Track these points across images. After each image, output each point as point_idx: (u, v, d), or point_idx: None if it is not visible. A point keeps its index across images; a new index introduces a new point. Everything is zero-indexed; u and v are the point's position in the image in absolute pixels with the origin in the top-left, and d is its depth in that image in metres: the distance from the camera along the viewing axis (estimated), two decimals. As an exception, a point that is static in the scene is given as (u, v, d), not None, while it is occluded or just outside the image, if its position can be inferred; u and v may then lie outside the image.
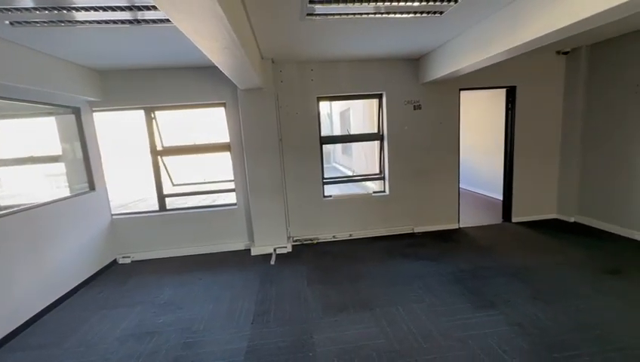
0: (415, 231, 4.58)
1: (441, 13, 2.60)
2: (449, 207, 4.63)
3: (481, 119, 6.53)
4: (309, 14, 2.47)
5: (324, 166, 4.43)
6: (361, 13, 2.51)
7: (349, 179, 4.89)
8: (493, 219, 4.94)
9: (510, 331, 2.29)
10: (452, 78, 3.97)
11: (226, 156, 4.27)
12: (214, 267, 3.79)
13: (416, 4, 2.38)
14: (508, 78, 4.43)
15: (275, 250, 4.13)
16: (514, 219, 4.76)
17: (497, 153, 4.97)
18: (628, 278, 2.92)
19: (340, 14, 2.51)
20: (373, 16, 2.57)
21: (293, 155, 4.24)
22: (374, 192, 4.61)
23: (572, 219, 4.59)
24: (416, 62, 4.23)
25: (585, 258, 3.39)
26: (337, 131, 12.00)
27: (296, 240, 4.42)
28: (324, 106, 12.39)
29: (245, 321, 2.64)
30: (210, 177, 6.03)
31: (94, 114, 3.92)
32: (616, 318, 2.35)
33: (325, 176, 4.44)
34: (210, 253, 4.24)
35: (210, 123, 4.87)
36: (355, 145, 8.77)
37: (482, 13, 2.69)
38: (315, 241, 4.42)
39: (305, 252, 4.11)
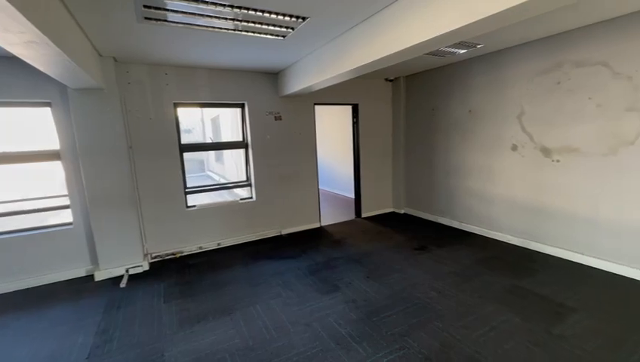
0: (282, 233, 4.90)
1: (283, 37, 2.94)
2: (311, 208, 5.15)
3: (337, 129, 7.52)
4: (146, 18, 2.37)
5: (197, 174, 4.25)
6: (205, 26, 2.58)
7: (216, 187, 4.82)
8: (348, 216, 5.76)
9: (346, 307, 2.76)
10: (306, 93, 4.48)
11: (56, 166, 3.55)
12: (39, 303, 3.09)
13: (257, 25, 2.62)
14: (352, 96, 5.29)
15: (127, 270, 3.68)
16: (363, 215, 5.69)
17: (350, 158, 5.84)
18: (430, 252, 3.93)
19: (181, 23, 2.51)
20: (219, 30, 2.67)
21: (148, 164, 3.89)
22: (241, 199, 4.69)
23: (402, 211, 5.83)
24: (275, 76, 4.57)
25: (405, 240, 4.38)
26: (213, 138, 11.52)
27: (155, 257, 4.05)
28: (193, 112, 11.70)
29: (78, 358, 2.27)
30: (33, 192, 4.83)
31: None
32: (419, 282, 3.16)
33: (194, 184, 4.25)
34: (36, 287, 3.43)
35: (30, 127, 3.94)
36: (226, 152, 8.67)
37: (316, 43, 3.17)
38: (177, 255, 4.16)
39: (166, 268, 3.82)
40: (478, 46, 3.63)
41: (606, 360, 2.00)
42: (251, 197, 4.71)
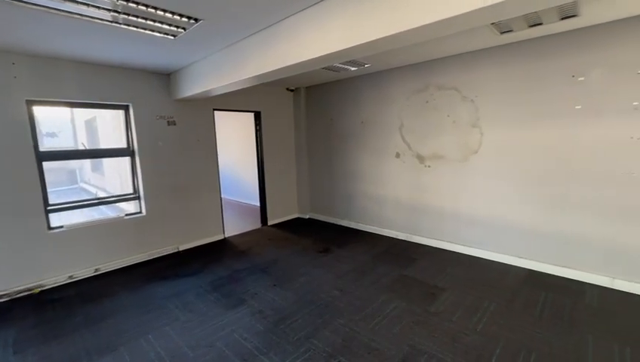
0: (180, 249, 4.46)
1: (174, 36, 2.71)
2: (213, 220, 4.85)
3: (242, 136, 7.33)
4: (-21, -9, 1.85)
5: (67, 188, 3.45)
6: (73, 13, 2.17)
7: (93, 202, 4.03)
8: (255, 225, 5.65)
9: (252, 320, 2.68)
10: (205, 97, 4.22)
11: None
12: None
13: (142, 20, 2.35)
14: (255, 104, 5.24)
15: (-48, 320, 2.75)
16: (270, 222, 5.66)
17: (254, 165, 5.74)
18: (333, 253, 4.18)
19: (37, 5, 2.05)
20: (93, 20, 2.29)
21: (-14, 177, 3.01)
22: (128, 215, 4.08)
23: (308, 216, 6.05)
24: (167, 77, 4.16)
25: (310, 244, 4.55)
26: (88, 143, 9.65)
27: (3, 296, 3.15)
28: (61, 113, 9.62)
29: None
30: None
31: None
32: (323, 283, 3.31)
33: (61, 200, 3.46)
34: None
35: None
36: (106, 161, 7.41)
37: (214, 46, 3.04)
38: (36, 291, 3.32)
39: (19, 308, 3.00)
40: (366, 65, 4.10)
41: (465, 326, 2.49)
42: (140, 212, 4.14)
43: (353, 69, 4.25)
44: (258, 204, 5.83)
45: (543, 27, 2.84)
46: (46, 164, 3.41)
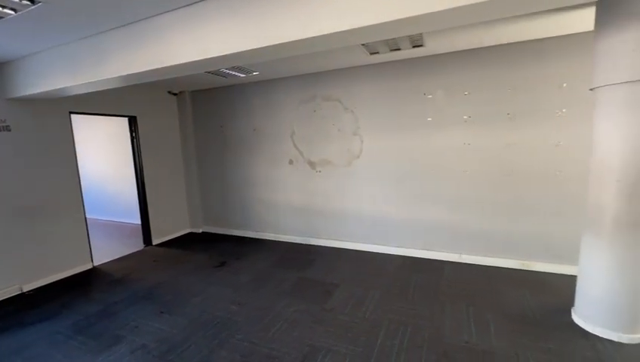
0: (25, 290, 3.47)
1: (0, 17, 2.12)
2: (76, 246, 3.97)
3: (116, 145, 6.27)
4: None
5: None
6: None
7: None
8: (135, 246, 4.89)
9: (132, 359, 2.30)
10: (57, 97, 3.44)
11: None
12: None
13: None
14: (128, 107, 4.56)
15: None
16: (155, 242, 4.99)
17: (132, 179, 4.98)
18: (230, 266, 3.97)
19: None
20: None
21: None
22: None
23: (200, 230, 5.59)
24: (-6, 68, 3.22)
25: (204, 259, 4.22)
26: None
27: None
28: None
29: None
30: None
31: None
32: (220, 300, 3.10)
33: None
34: None
35: None
36: None
37: (64, 36, 2.52)
38: None
39: None
40: (254, 73, 4.09)
41: (356, 316, 2.73)
42: (-45, 248, 3.05)
43: (242, 75, 4.18)
44: (137, 221, 5.08)
45: (402, 52, 3.41)
46: None
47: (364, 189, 4.18)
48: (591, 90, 2.31)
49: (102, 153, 6.51)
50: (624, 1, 2.01)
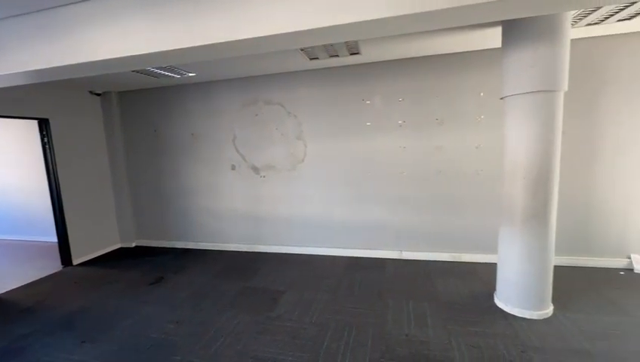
0: None
1: None
2: (-31, 274, 3.31)
3: (19, 153, 5.40)
4: None
5: None
6: None
7: None
8: (51, 268, 4.24)
9: (43, 400, 1.98)
10: None
11: None
12: None
13: None
14: (38, 108, 3.97)
15: None
16: (76, 261, 4.39)
17: (45, 190, 4.33)
18: (167, 282, 3.66)
19: None
20: None
21: None
22: None
23: (133, 244, 5.08)
24: None
25: (138, 276, 3.84)
26: None
27: None
28: None
29: None
30: None
31: None
32: (154, 320, 2.83)
33: None
34: None
35: None
36: None
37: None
38: None
39: None
40: (190, 74, 3.86)
41: (302, 321, 2.70)
42: None
43: (176, 76, 3.92)
44: (54, 239, 4.43)
45: (341, 59, 3.51)
46: None
47: (308, 193, 4.20)
48: (501, 99, 2.63)
49: (6, 160, 5.56)
50: (523, 23, 2.33)
